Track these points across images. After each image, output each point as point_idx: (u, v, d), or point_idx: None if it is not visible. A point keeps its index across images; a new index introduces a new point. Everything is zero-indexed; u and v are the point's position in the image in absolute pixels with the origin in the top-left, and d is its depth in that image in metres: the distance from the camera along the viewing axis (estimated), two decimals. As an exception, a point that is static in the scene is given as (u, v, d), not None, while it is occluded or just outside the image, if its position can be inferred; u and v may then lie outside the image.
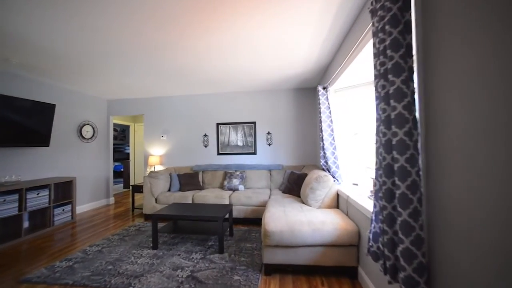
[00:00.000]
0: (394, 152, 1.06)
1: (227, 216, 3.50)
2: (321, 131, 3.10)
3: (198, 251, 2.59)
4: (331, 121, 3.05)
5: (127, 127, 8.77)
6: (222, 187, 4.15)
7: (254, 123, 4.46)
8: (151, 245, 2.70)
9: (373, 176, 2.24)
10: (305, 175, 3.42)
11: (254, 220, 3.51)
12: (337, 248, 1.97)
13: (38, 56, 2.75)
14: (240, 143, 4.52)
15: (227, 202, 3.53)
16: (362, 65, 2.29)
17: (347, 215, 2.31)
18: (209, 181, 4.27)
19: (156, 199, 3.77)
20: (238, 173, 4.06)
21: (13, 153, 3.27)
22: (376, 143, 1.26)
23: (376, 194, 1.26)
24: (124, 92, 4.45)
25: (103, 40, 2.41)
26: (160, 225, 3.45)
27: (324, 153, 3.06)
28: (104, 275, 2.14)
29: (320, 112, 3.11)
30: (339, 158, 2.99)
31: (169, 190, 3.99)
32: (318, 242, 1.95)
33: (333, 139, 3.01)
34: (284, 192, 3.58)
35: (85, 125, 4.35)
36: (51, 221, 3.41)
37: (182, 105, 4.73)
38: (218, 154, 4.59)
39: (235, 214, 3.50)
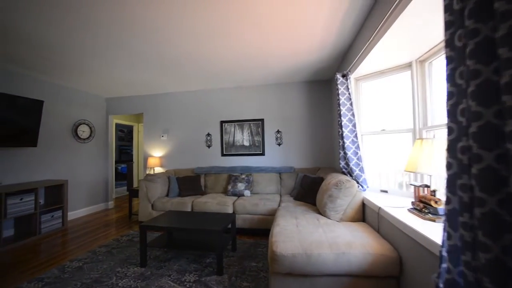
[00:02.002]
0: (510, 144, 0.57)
1: (230, 226, 3.05)
2: (341, 126, 2.60)
3: (193, 270, 2.15)
4: (353, 114, 2.54)
5: (132, 127, 8.57)
6: (225, 192, 3.71)
7: (262, 120, 4.01)
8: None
9: (430, 184, 1.72)
10: (321, 179, 2.92)
11: (262, 231, 3.04)
12: (370, 280, 1.46)
13: (22, 46, 2.45)
14: (246, 143, 4.08)
15: (230, 210, 3.09)
16: (395, 41, 1.78)
17: (378, 231, 1.79)
18: (211, 185, 3.85)
19: (152, 205, 3.39)
20: (243, 176, 3.61)
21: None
22: (451, 133, 0.77)
23: (452, 217, 0.76)
24: (123, 90, 4.14)
25: (94, 29, 2.10)
26: (155, 235, 3.05)
27: (345, 153, 2.55)
28: (75, 302, 1.74)
29: (339, 105, 2.61)
30: (363, 159, 2.46)
31: (167, 195, 3.60)
32: (344, 271, 1.46)
33: (356, 136, 2.50)
34: (296, 198, 3.09)
35: (81, 124, 4.05)
36: (38, 229, 3.10)
37: (183, 102, 4.36)
38: (222, 155, 4.17)
39: (240, 223, 3.04)
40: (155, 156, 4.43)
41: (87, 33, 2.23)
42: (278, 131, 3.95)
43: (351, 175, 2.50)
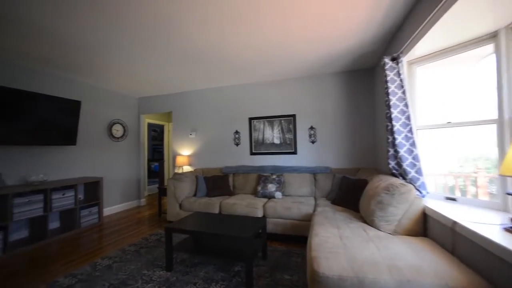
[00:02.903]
0: None
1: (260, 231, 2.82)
2: (390, 120, 2.19)
3: (220, 280, 1.96)
4: (406, 105, 2.11)
5: (163, 126, 8.89)
6: (255, 193, 3.49)
7: (294, 116, 3.70)
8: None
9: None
10: (365, 182, 2.52)
11: (295, 238, 2.75)
12: (449, 321, 1.09)
13: (60, 48, 2.54)
14: (276, 141, 3.81)
15: (260, 214, 2.85)
16: (473, 4, 1.35)
17: (452, 253, 1.38)
18: (240, 185, 3.66)
19: (180, 205, 3.32)
20: (274, 176, 3.35)
21: (40, 151, 3.18)
22: None
23: None
24: (152, 89, 4.20)
25: (124, 29, 2.14)
26: (182, 236, 2.96)
27: (396, 151, 2.13)
28: (101, 305, 1.67)
29: (387, 94, 2.20)
30: (421, 158, 2.02)
31: (195, 194, 3.51)
32: (411, 306, 1.11)
33: (410, 131, 2.07)
34: (334, 203, 2.73)
35: (115, 123, 4.21)
36: (78, 223, 3.24)
37: (211, 99, 4.26)
38: (251, 153, 3.96)
39: (271, 228, 2.79)
40: (184, 154, 4.41)
41: (118, 34, 2.21)
42: (311, 128, 3.60)
43: (404, 178, 2.08)
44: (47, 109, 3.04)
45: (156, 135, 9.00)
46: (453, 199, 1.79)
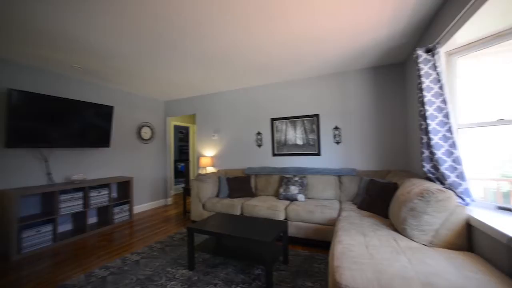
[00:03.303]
0: None
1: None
2: (424, 118, 1.98)
3: (240, 282, 1.95)
4: (444, 101, 1.89)
5: (189, 128, 9.22)
6: (277, 195, 3.43)
7: (317, 116, 3.56)
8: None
9: None
10: (395, 185, 2.32)
11: (318, 242, 2.63)
12: None
13: (96, 59, 2.77)
14: (299, 142, 3.71)
15: (282, 216, 2.79)
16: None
17: (509, 275, 1.18)
18: (262, 187, 3.63)
19: (203, 205, 3.40)
20: (297, 178, 3.26)
21: (80, 153, 3.50)
22: None
23: None
24: (177, 92, 4.37)
25: (146, 37, 2.24)
26: (205, 236, 3.02)
27: (432, 153, 1.93)
28: (128, 299, 1.76)
29: (421, 90, 2.00)
30: (464, 161, 1.79)
31: (217, 195, 3.57)
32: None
33: (450, 130, 1.85)
34: (360, 207, 2.56)
35: (144, 126, 4.47)
36: (112, 219, 3.50)
37: (233, 100, 4.30)
38: (274, 155, 3.91)
39: (293, 231, 2.71)
40: (207, 155, 4.52)
41: (145, 42, 2.33)
42: (336, 128, 3.44)
43: (442, 183, 1.86)
44: (86, 115, 3.33)
45: (183, 136, 9.39)
46: (509, 210, 1.55)
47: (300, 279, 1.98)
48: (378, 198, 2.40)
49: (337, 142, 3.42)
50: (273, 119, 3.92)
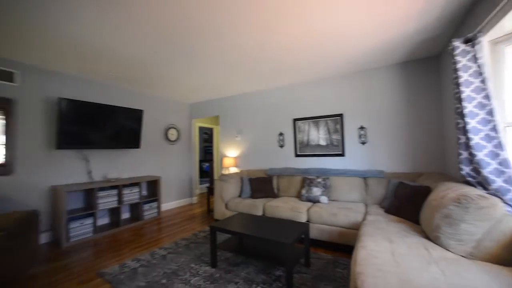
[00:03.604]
0: None
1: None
2: (462, 116, 1.81)
3: (261, 282, 1.96)
4: (487, 96, 1.70)
5: (213, 129, 9.48)
6: (299, 196, 3.38)
7: (341, 115, 3.44)
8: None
9: None
10: (427, 189, 2.15)
11: (342, 247, 2.54)
12: None
13: (127, 67, 3.00)
14: (322, 142, 3.61)
15: (304, 218, 2.74)
16: None
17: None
18: (284, 188, 3.60)
19: (226, 205, 3.47)
20: (319, 180, 3.18)
21: (115, 153, 3.81)
22: None
23: None
24: (201, 95, 4.52)
25: (171, 44, 2.39)
26: (226, 236, 3.08)
27: (471, 154, 1.74)
28: (155, 291, 1.87)
29: (458, 85, 1.83)
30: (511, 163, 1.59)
31: (240, 195, 3.62)
32: None
33: (494, 129, 1.66)
34: (388, 211, 2.41)
35: (170, 128, 4.71)
36: (142, 215, 3.75)
37: (255, 101, 4.34)
38: (296, 155, 3.86)
39: (315, 234, 2.65)
40: (230, 156, 4.61)
41: (171, 49, 2.46)
42: (361, 127, 3.28)
43: (485, 188, 1.68)
44: (121, 119, 3.62)
45: (207, 137, 9.70)
46: None
47: (322, 283, 1.93)
48: (408, 202, 2.23)
49: (363, 143, 3.26)
50: (295, 120, 3.87)
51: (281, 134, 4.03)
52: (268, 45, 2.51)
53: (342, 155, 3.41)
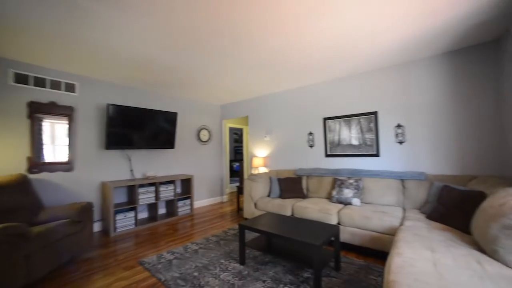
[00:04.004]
0: None
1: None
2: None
3: (288, 283, 1.95)
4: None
5: (243, 130, 9.65)
6: (329, 197, 3.27)
7: (375, 113, 3.23)
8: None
9: None
10: (481, 195, 1.90)
11: (375, 253, 2.39)
12: None
13: (162, 73, 3.24)
14: (354, 142, 3.43)
15: (334, 220, 2.65)
16: None
17: None
18: (314, 188, 3.52)
19: (255, 204, 3.52)
20: (351, 181, 3.03)
21: (154, 153, 4.14)
22: None
23: None
24: (231, 96, 4.66)
25: (203, 50, 2.55)
26: (254, 234, 3.12)
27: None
28: (187, 282, 1.99)
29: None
30: None
31: (268, 195, 3.64)
32: None
33: None
34: (430, 217, 2.20)
35: (202, 129, 4.94)
36: (176, 212, 4.00)
37: (284, 101, 4.31)
38: (326, 156, 3.74)
39: (347, 237, 2.54)
40: (259, 156, 4.66)
41: (203, 55, 2.59)
42: (398, 126, 3.04)
43: (553, 194, 1.42)
44: (157, 121, 3.93)
45: (238, 137, 9.94)
46: None
47: (353, 289, 1.84)
48: (456, 209, 2.01)
49: (400, 142, 3.02)
50: (325, 119, 3.75)
51: (310, 133, 3.94)
52: (299, 44, 2.47)
53: (376, 155, 3.20)
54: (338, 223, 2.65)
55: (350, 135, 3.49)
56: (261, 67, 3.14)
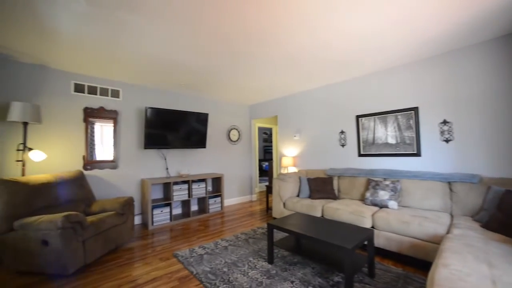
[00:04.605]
0: None
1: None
2: None
3: (317, 285, 1.89)
4: None
5: (272, 129, 9.62)
6: (362, 199, 3.09)
7: (416, 109, 2.94)
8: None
9: None
10: (551, 201, 1.60)
11: (416, 261, 2.18)
12: None
13: (193, 76, 3.41)
14: (391, 140, 3.18)
15: (368, 224, 2.49)
16: None
17: None
18: (345, 189, 3.36)
19: (284, 204, 3.49)
20: (387, 182, 2.82)
21: (186, 153, 4.37)
22: None
23: None
24: (260, 96, 4.68)
25: (233, 53, 2.65)
26: (283, 234, 3.09)
27: None
28: (217, 277, 2.06)
29: None
30: None
31: (298, 195, 3.58)
32: None
33: None
34: (487, 227, 1.93)
35: (232, 129, 5.06)
36: (208, 209, 4.17)
37: (313, 100, 4.20)
38: (359, 155, 3.53)
39: (381, 243, 2.36)
40: (288, 156, 4.60)
41: (233, 58, 2.66)
42: (444, 122, 2.72)
43: None
44: (190, 122, 4.15)
45: (267, 137, 9.97)
46: None
47: (390, 299, 1.71)
48: (517, 216, 1.73)
49: (446, 140, 2.70)
50: (358, 116, 3.54)
51: (342, 132, 3.76)
52: (329, 39, 2.38)
53: (417, 155, 2.92)
54: (372, 227, 2.48)
55: (386, 133, 3.24)
56: (288, 66, 3.09)
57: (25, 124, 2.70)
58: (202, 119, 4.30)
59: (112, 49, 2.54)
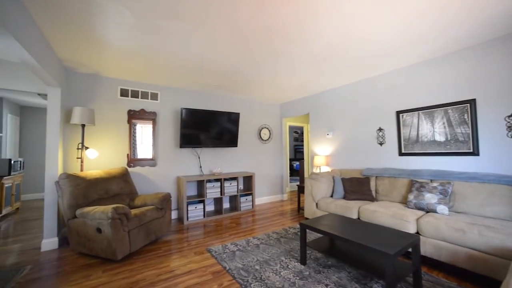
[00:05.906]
0: None
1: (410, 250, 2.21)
2: None
3: (355, 292, 1.77)
4: None
5: (303, 128, 9.39)
6: (405, 202, 2.82)
7: (472, 102, 2.58)
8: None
9: None
10: None
11: (474, 276, 1.90)
12: None
13: (225, 77, 3.51)
14: (439, 138, 2.85)
15: (412, 229, 2.26)
16: None
17: None
18: (384, 191, 3.11)
19: (316, 204, 3.37)
20: (435, 184, 2.53)
21: (218, 152, 4.51)
22: None
23: None
24: (291, 94, 4.60)
25: (264, 53, 2.69)
26: (316, 235, 2.98)
27: None
28: (250, 274, 2.07)
29: None
30: None
31: (331, 195, 3.42)
32: None
33: None
34: None
35: (263, 128, 5.07)
36: (239, 207, 4.24)
37: (347, 95, 3.98)
38: (400, 154, 3.24)
39: (429, 251, 2.12)
40: (321, 155, 4.44)
41: (265, 57, 2.66)
42: (511, 116, 2.34)
43: None
44: (222, 122, 4.26)
45: (297, 136, 9.79)
46: None
47: (441, 314, 1.52)
48: None
49: (513, 136, 2.31)
50: (398, 112, 3.25)
51: (380, 129, 3.49)
52: (362, 32, 2.24)
53: (474, 154, 2.56)
54: (417, 233, 2.25)
55: (432, 129, 2.91)
56: (322, 62, 2.98)
57: (83, 126, 3.08)
58: (233, 118, 4.38)
59: (152, 56, 2.74)
